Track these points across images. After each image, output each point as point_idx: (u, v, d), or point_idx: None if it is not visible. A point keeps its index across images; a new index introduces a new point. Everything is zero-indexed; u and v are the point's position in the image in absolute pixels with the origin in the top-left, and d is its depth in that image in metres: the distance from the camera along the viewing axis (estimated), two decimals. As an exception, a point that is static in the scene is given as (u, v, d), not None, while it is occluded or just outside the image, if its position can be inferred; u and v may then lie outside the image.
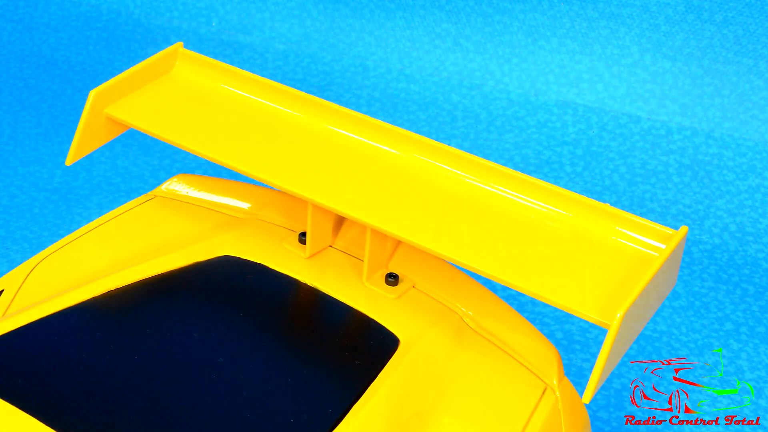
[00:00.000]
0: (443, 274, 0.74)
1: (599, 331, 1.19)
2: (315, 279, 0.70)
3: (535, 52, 1.67)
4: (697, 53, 1.61)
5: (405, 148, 0.71)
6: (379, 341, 0.66)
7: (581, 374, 1.13)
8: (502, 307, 0.73)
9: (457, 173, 0.70)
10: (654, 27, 1.62)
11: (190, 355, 0.62)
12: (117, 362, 0.60)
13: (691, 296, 1.29)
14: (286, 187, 0.69)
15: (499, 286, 0.75)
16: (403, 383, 0.63)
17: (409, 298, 0.70)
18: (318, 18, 1.75)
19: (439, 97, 1.66)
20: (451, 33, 1.70)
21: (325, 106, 0.74)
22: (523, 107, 1.63)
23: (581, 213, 0.67)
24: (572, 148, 1.57)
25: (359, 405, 0.60)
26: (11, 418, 0.53)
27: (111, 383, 0.59)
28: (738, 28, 1.58)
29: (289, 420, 0.58)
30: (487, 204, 0.68)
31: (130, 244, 0.73)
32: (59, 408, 0.56)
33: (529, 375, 0.68)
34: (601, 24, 1.64)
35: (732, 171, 1.53)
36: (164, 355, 0.62)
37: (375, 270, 0.71)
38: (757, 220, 1.44)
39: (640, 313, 0.61)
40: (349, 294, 0.69)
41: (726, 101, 1.60)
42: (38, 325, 0.61)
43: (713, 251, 1.38)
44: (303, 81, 1.68)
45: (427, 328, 0.68)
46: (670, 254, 0.62)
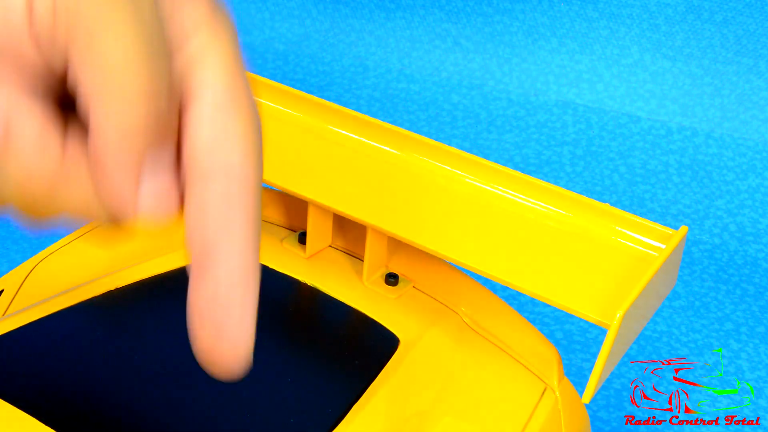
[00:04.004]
0: (443, 274, 0.73)
1: (599, 331, 1.19)
2: (315, 279, 0.70)
3: (535, 52, 1.67)
4: (697, 53, 1.61)
5: (405, 148, 0.71)
6: (379, 341, 0.66)
7: (581, 374, 1.13)
8: (502, 307, 0.73)
9: (457, 173, 0.70)
10: (654, 27, 1.62)
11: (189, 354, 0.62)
12: (117, 362, 0.60)
13: (691, 296, 1.29)
14: (285, 187, 0.69)
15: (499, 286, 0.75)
16: (403, 383, 0.63)
17: (409, 298, 0.70)
18: (318, 18, 1.75)
19: (439, 97, 1.66)
20: (451, 33, 1.70)
21: (325, 106, 0.74)
22: (523, 107, 1.63)
23: (581, 213, 0.67)
24: (572, 148, 1.57)
25: (359, 405, 0.60)
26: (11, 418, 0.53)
27: (111, 383, 0.59)
28: (738, 28, 1.58)
29: (289, 420, 0.58)
30: (487, 204, 0.68)
31: (130, 244, 0.73)
32: (59, 408, 0.56)
33: (529, 375, 0.68)
34: (601, 24, 1.64)
35: (732, 171, 1.53)
36: (164, 355, 0.62)
37: (375, 270, 0.71)
38: (757, 220, 1.44)
39: (640, 313, 0.61)
40: (349, 294, 0.69)
41: (726, 101, 1.60)
42: (38, 325, 0.61)
43: (713, 251, 1.38)
44: (303, 81, 1.68)
45: (427, 328, 0.68)
46: (670, 254, 0.62)
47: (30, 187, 0.27)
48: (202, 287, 0.29)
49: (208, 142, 0.28)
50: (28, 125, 0.27)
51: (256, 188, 0.29)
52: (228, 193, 0.28)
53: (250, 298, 0.29)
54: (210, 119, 0.28)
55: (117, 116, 0.27)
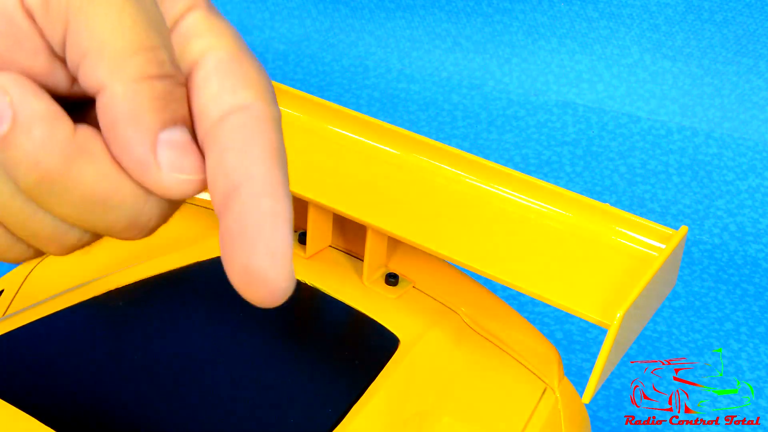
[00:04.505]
0: (443, 274, 0.73)
1: (599, 331, 1.19)
2: (315, 279, 0.70)
3: (535, 52, 1.67)
4: (697, 53, 1.61)
5: (405, 148, 0.71)
6: (379, 341, 0.66)
7: (581, 374, 1.13)
8: (502, 307, 0.73)
9: (457, 173, 0.70)
10: (654, 27, 1.62)
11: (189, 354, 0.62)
12: (117, 362, 0.60)
13: (691, 296, 1.29)
14: (286, 187, 0.69)
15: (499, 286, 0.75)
16: (403, 383, 0.62)
17: (409, 298, 0.70)
18: (318, 18, 1.75)
19: (439, 97, 1.66)
20: (451, 33, 1.70)
21: (325, 106, 0.74)
22: (523, 107, 1.63)
23: (581, 213, 0.67)
24: (572, 148, 1.57)
25: (359, 405, 0.60)
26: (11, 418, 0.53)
27: (111, 383, 0.59)
28: (738, 28, 1.58)
29: (289, 420, 0.58)
30: (487, 204, 0.68)
31: (130, 244, 0.73)
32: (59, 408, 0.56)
33: (529, 375, 0.68)
34: (601, 24, 1.64)
35: (732, 171, 1.52)
36: (164, 354, 0.62)
37: (375, 270, 0.71)
38: (757, 220, 1.44)
39: (640, 313, 0.61)
40: (349, 294, 0.69)
41: (726, 101, 1.60)
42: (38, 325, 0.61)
43: (713, 251, 1.38)
44: (303, 81, 1.68)
45: (427, 328, 0.68)
46: (670, 254, 0.62)
47: (43, 163, 0.26)
48: (230, 213, 0.26)
49: (217, 92, 0.27)
50: (36, 102, 0.26)
51: (274, 122, 0.27)
52: (243, 125, 0.27)
53: (282, 209, 0.26)
54: (216, 74, 0.28)
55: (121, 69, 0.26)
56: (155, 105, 0.26)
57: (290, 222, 0.27)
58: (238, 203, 0.26)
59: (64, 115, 0.27)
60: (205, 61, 0.28)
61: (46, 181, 0.27)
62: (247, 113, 0.27)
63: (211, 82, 0.28)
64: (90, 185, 0.27)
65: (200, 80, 0.28)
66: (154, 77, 0.26)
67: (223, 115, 0.27)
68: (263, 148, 0.26)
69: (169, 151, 0.27)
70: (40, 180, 0.27)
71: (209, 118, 0.27)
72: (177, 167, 0.27)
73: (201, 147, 0.28)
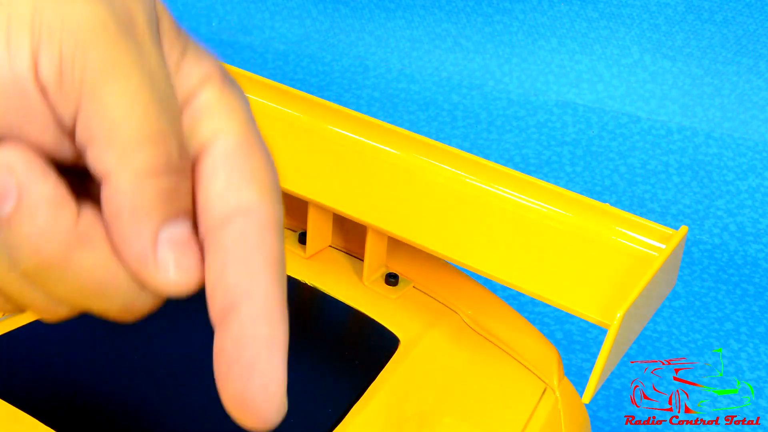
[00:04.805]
0: (443, 274, 0.73)
1: (599, 331, 1.19)
2: (315, 279, 0.70)
3: (535, 52, 1.67)
4: (697, 53, 1.61)
5: (405, 148, 0.71)
6: (379, 341, 0.66)
7: (581, 374, 1.13)
8: (502, 307, 0.73)
9: (457, 173, 0.70)
10: (654, 27, 1.62)
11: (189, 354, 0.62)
12: (117, 362, 0.60)
13: (691, 296, 1.29)
14: (285, 187, 0.69)
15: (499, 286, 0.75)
16: (403, 383, 0.62)
17: (409, 298, 0.70)
18: (318, 18, 1.75)
19: (439, 97, 1.66)
20: (451, 33, 1.70)
21: (325, 106, 0.74)
22: (523, 107, 1.63)
23: (581, 213, 0.67)
24: (572, 148, 1.57)
25: (359, 405, 0.60)
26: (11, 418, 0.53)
27: (111, 383, 0.59)
28: (738, 28, 1.58)
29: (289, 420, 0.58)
30: (487, 204, 0.68)
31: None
32: (59, 408, 0.56)
33: (529, 375, 0.68)
34: (601, 24, 1.64)
35: (732, 171, 1.53)
36: (164, 354, 0.62)
37: (375, 270, 0.71)
38: (757, 220, 1.44)
39: (640, 313, 0.61)
40: (349, 294, 0.69)
41: (726, 101, 1.60)
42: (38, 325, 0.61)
43: (713, 251, 1.38)
44: (303, 81, 1.68)
45: (427, 328, 0.68)
46: (670, 254, 0.62)
47: (44, 250, 0.26)
48: (227, 332, 0.27)
49: (223, 188, 0.27)
50: (42, 185, 0.26)
51: (276, 227, 0.27)
52: (246, 233, 0.27)
53: (278, 336, 0.27)
54: (223, 166, 0.27)
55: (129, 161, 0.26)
56: (159, 201, 0.26)
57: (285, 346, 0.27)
58: (237, 324, 0.27)
59: (69, 200, 0.27)
60: (214, 148, 0.28)
61: (44, 266, 0.27)
62: (251, 220, 0.27)
63: (218, 176, 0.27)
64: (87, 273, 0.27)
65: (207, 171, 0.28)
66: (161, 172, 0.26)
67: (226, 216, 0.27)
68: (264, 260, 0.27)
69: (169, 249, 0.27)
70: (38, 265, 0.27)
71: (213, 217, 0.27)
72: (176, 266, 0.27)
73: (201, 240, 0.28)
